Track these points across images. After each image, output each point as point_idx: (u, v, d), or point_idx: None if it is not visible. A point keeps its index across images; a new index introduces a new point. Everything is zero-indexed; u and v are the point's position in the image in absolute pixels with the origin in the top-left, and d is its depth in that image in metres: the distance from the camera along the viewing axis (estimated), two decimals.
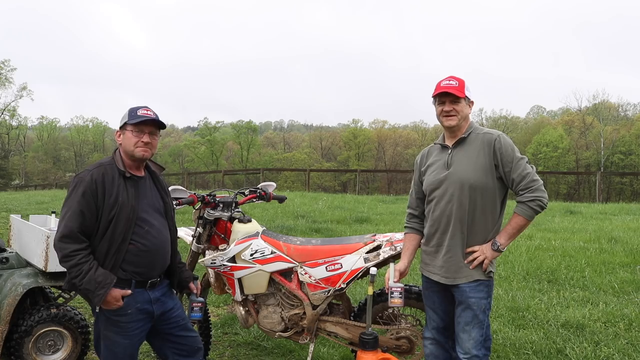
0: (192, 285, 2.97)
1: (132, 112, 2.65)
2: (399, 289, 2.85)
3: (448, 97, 2.77)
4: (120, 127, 2.68)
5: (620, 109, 50.44)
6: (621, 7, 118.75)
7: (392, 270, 2.93)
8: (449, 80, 2.78)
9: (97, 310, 2.62)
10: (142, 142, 2.62)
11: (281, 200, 3.93)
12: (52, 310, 3.59)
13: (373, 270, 3.15)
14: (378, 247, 3.29)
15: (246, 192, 3.84)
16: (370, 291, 3.14)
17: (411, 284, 3.47)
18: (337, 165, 52.86)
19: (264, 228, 3.56)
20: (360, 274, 3.29)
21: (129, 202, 2.59)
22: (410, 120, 78.03)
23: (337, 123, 77.74)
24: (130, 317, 2.61)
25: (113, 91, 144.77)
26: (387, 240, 3.30)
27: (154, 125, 2.67)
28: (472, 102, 2.86)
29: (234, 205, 3.56)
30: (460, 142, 2.81)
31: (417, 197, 3.02)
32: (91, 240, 2.55)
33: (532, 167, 2.71)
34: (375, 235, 3.40)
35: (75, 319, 3.66)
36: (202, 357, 2.94)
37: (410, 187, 3.15)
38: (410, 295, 3.39)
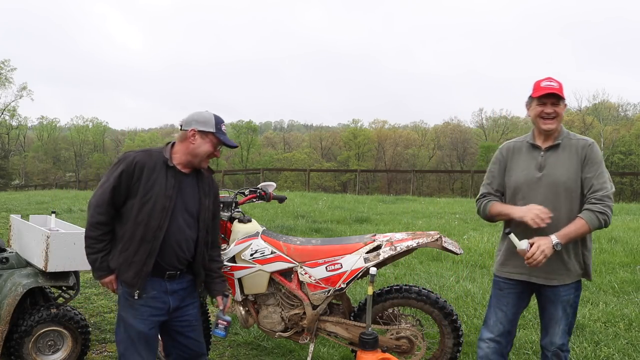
0: (219, 299, 2.95)
1: (218, 125, 2.71)
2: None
3: (550, 99, 2.75)
4: (200, 130, 2.68)
5: (620, 109, 50.50)
6: (612, 8, 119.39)
7: (516, 241, 2.69)
8: (550, 82, 2.76)
9: (119, 291, 2.69)
10: (214, 155, 2.73)
11: (281, 200, 3.93)
12: (52, 310, 3.58)
13: (373, 270, 3.16)
14: (378, 247, 3.29)
15: (246, 192, 3.84)
16: (370, 291, 3.15)
17: (411, 284, 3.48)
18: (337, 165, 52.84)
19: (264, 228, 3.56)
20: (360, 274, 3.29)
21: (167, 191, 2.64)
22: (410, 120, 78.11)
23: (337, 123, 77.83)
24: (144, 301, 2.65)
25: (112, 92, 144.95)
26: (387, 240, 3.30)
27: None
28: (565, 105, 2.85)
29: (234, 205, 3.56)
30: (554, 146, 2.80)
31: (499, 189, 2.92)
32: (128, 224, 2.62)
33: (611, 185, 2.71)
34: (375, 235, 3.40)
35: (75, 319, 3.65)
36: None
37: (410, 187, 3.14)
38: (410, 295, 3.39)
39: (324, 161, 55.31)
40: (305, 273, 3.34)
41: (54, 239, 3.43)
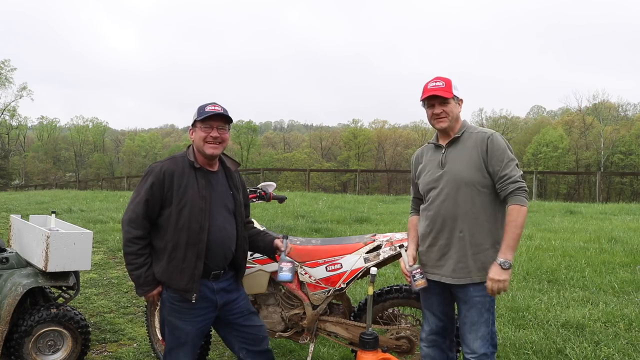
0: (277, 242, 2.96)
1: (201, 109, 2.73)
2: (419, 270, 2.79)
3: (437, 100, 2.73)
4: (192, 125, 2.77)
5: (620, 109, 50.50)
6: (609, 10, 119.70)
7: (405, 256, 2.89)
8: (435, 82, 2.74)
9: (163, 296, 2.73)
10: (211, 136, 2.70)
11: (281, 200, 3.93)
12: (52, 310, 3.58)
13: (373, 270, 3.15)
14: (378, 247, 3.29)
15: None
16: (370, 291, 3.14)
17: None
18: (337, 165, 52.85)
19: (264, 228, 3.56)
20: (360, 274, 3.29)
21: (200, 192, 2.68)
22: (410, 120, 78.01)
23: (337, 123, 77.87)
24: (192, 304, 2.70)
25: (112, 92, 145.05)
26: (387, 240, 3.30)
27: (221, 119, 2.74)
28: (462, 100, 2.82)
29: None
30: (454, 141, 2.78)
31: (416, 196, 3.00)
32: (168, 233, 2.66)
33: (519, 171, 2.68)
34: (375, 235, 3.40)
35: (75, 319, 3.65)
36: (268, 345, 2.98)
37: (410, 187, 3.14)
38: (410, 295, 3.39)
39: (324, 161, 55.32)
40: (306, 273, 3.34)
41: (54, 239, 3.44)
